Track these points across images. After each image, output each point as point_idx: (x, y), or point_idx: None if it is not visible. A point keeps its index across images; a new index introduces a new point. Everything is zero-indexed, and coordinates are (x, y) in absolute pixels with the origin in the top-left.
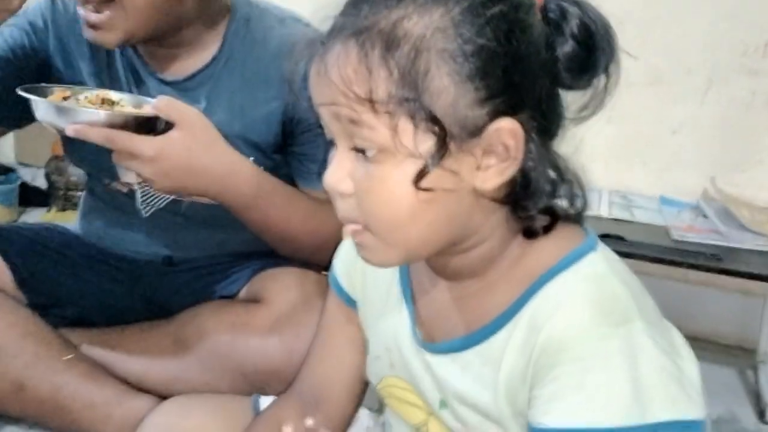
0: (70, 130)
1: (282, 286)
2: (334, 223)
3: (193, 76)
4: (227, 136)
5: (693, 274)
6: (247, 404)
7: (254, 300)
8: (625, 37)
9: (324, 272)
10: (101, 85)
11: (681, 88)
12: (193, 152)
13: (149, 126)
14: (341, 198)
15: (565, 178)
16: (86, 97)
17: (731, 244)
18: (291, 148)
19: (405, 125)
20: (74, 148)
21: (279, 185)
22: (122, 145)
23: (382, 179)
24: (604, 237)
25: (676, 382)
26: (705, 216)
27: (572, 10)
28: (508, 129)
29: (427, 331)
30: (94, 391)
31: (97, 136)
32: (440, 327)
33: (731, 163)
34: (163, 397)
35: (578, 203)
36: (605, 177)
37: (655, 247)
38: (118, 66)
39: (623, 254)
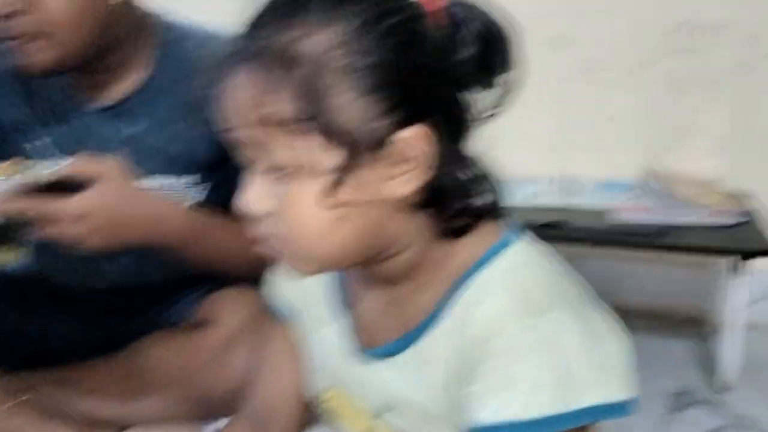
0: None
1: (229, 306)
2: None
3: (127, 99)
4: (171, 158)
5: (636, 253)
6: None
7: (203, 323)
8: (554, 29)
9: None
10: (25, 123)
11: (612, 74)
12: (119, 204)
13: (66, 188)
14: (258, 219)
15: (479, 176)
16: None
17: (671, 221)
18: (230, 162)
19: (312, 142)
20: None
21: (214, 220)
22: (41, 211)
23: (296, 198)
24: (548, 226)
25: (600, 365)
26: (645, 196)
27: (469, 13)
28: (415, 137)
29: (365, 337)
30: None
31: (11, 208)
32: (377, 332)
33: (667, 142)
34: (118, 430)
35: (494, 199)
36: (547, 166)
37: (598, 231)
38: (43, 101)
39: (567, 240)
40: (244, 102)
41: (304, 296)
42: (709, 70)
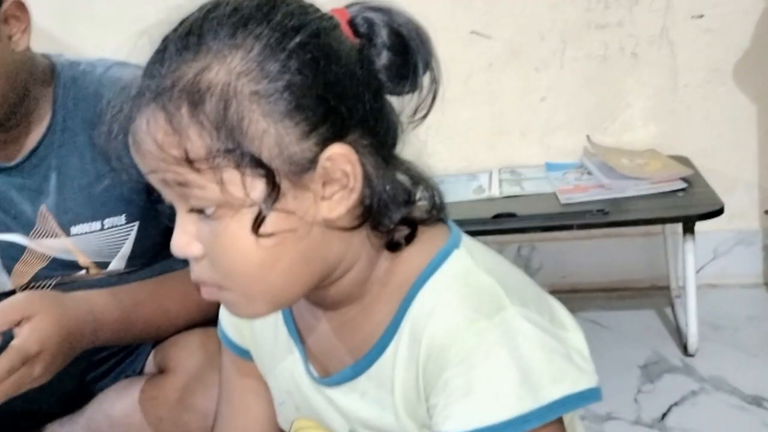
0: None
1: (183, 351)
2: None
3: (32, 153)
4: (92, 198)
5: (584, 232)
6: None
7: (160, 371)
8: (474, 19)
9: None
10: None
11: (539, 56)
12: (60, 329)
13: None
14: (194, 261)
15: (414, 182)
16: None
17: (616, 195)
18: (153, 193)
19: (232, 176)
20: None
21: (137, 290)
22: (1, 376)
23: (227, 234)
24: (497, 217)
25: (562, 356)
26: (589, 173)
27: (378, 20)
28: (339, 154)
29: (320, 365)
30: None
31: None
32: (330, 359)
33: (602, 116)
34: None
35: (432, 203)
36: (491, 157)
37: (545, 216)
38: None
39: (516, 230)
40: (154, 145)
41: (253, 334)
42: (631, 41)
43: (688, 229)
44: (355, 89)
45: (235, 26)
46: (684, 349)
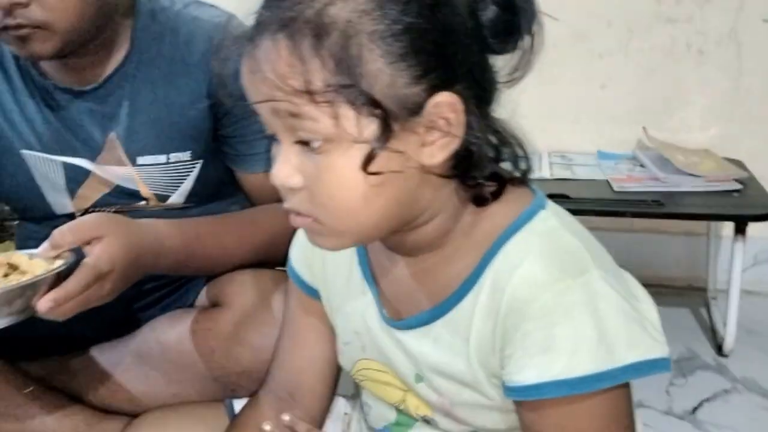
0: (44, 309)
1: (239, 287)
2: (273, 223)
3: (107, 80)
4: (161, 131)
5: (639, 222)
6: (220, 410)
7: (212, 305)
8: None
9: (278, 269)
10: (8, 112)
11: (604, 43)
12: (128, 251)
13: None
14: (291, 193)
15: (506, 142)
16: None
17: (670, 189)
18: (220, 131)
19: (346, 112)
20: None
21: (199, 224)
22: (81, 300)
23: (331, 169)
24: (552, 197)
25: (637, 323)
26: (642, 165)
27: None
28: (447, 103)
29: (393, 308)
30: (61, 421)
31: (67, 310)
32: (405, 303)
33: (660, 110)
34: (132, 416)
35: (522, 165)
36: (542, 139)
37: (599, 201)
38: (22, 90)
39: (570, 212)
40: (273, 73)
41: (324, 273)
42: (699, 38)
43: (740, 230)
44: (466, 40)
45: None
46: (718, 349)
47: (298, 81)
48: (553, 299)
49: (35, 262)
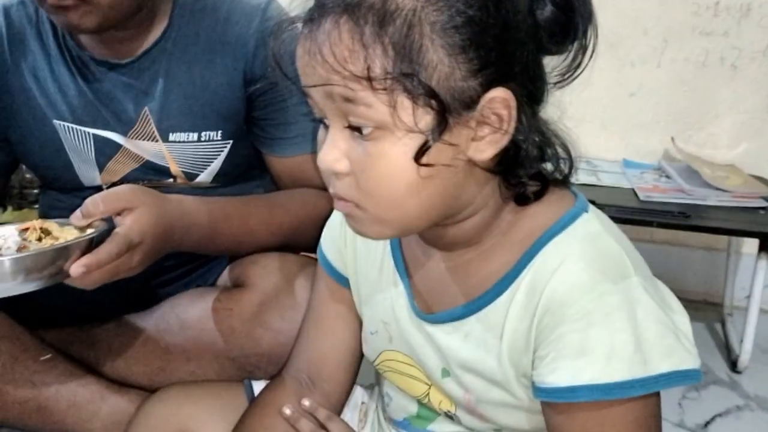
0: (77, 274)
1: (263, 269)
2: (300, 208)
3: (143, 55)
4: (194, 109)
5: (660, 233)
6: (239, 390)
7: (235, 286)
8: None
9: (304, 254)
10: (42, 81)
11: (637, 51)
12: (157, 225)
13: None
14: (336, 177)
15: (550, 142)
16: (20, 239)
17: (696, 201)
18: (253, 113)
19: (403, 101)
20: (26, 156)
21: (227, 204)
22: (111, 268)
23: (382, 156)
24: None
25: (672, 334)
26: (667, 176)
27: None
28: (501, 99)
29: (424, 302)
30: (76, 390)
31: (98, 278)
32: (438, 297)
33: (689, 122)
34: (149, 391)
35: (565, 167)
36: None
37: (625, 209)
38: (58, 60)
39: None
40: (332, 57)
41: (356, 261)
42: (734, 53)
43: (765, 248)
44: (524, 38)
45: None
46: (732, 365)
47: (358, 66)
48: (592, 302)
49: (66, 230)
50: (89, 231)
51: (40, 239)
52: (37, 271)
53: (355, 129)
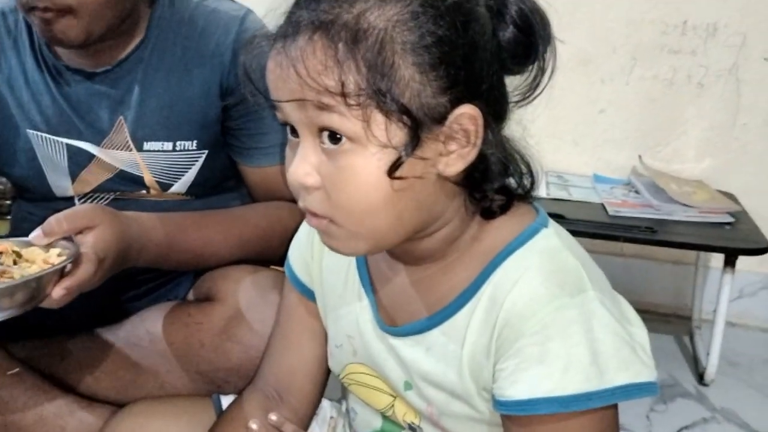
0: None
1: (232, 283)
2: (265, 220)
3: (120, 64)
4: (170, 118)
5: (630, 246)
6: (208, 404)
7: (204, 300)
8: (551, 19)
9: (272, 267)
10: (17, 90)
11: (607, 69)
12: (118, 241)
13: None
14: (307, 192)
15: (513, 158)
16: None
17: (663, 217)
18: (228, 123)
19: (376, 117)
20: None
21: (184, 218)
22: (85, 280)
23: (354, 170)
24: (550, 216)
25: (629, 346)
26: (636, 191)
27: None
28: (468, 115)
29: (388, 315)
30: (44, 405)
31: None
32: (402, 310)
33: (657, 138)
34: (117, 405)
35: (527, 181)
36: (540, 158)
37: (594, 223)
38: (33, 69)
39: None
40: (306, 72)
41: (321, 275)
42: (700, 71)
43: (729, 262)
44: (489, 57)
45: None
46: (699, 377)
47: (331, 81)
48: (550, 316)
49: (32, 250)
50: (53, 251)
51: (14, 262)
52: (22, 298)
53: (328, 140)
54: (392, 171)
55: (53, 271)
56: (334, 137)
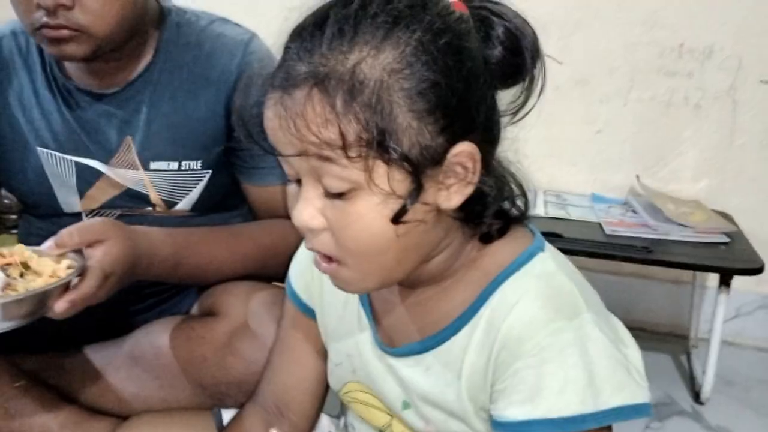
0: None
1: (235, 298)
2: (267, 237)
3: (128, 85)
4: (176, 139)
5: (627, 266)
6: (208, 419)
7: (208, 314)
8: (549, 41)
9: (275, 283)
10: (28, 109)
11: (605, 89)
12: (126, 256)
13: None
14: (312, 234)
15: (507, 181)
16: (4, 275)
17: (660, 236)
18: (231, 144)
19: (377, 166)
20: (8, 180)
21: (190, 234)
22: (89, 293)
23: (359, 216)
24: (546, 235)
25: (623, 368)
26: (634, 211)
27: (495, 17)
28: (467, 152)
29: (387, 335)
30: (49, 417)
31: (70, 311)
32: (399, 332)
33: (655, 158)
34: (121, 418)
35: (521, 203)
36: (539, 177)
37: (591, 243)
38: (43, 88)
39: (562, 251)
40: (305, 125)
41: (322, 295)
42: (697, 93)
43: (725, 282)
44: (483, 89)
45: (388, 23)
46: (696, 396)
47: (332, 134)
48: (546, 339)
49: (43, 261)
50: (64, 262)
51: (22, 275)
52: (25, 311)
53: (329, 189)
54: (396, 219)
55: (57, 286)
56: (335, 187)
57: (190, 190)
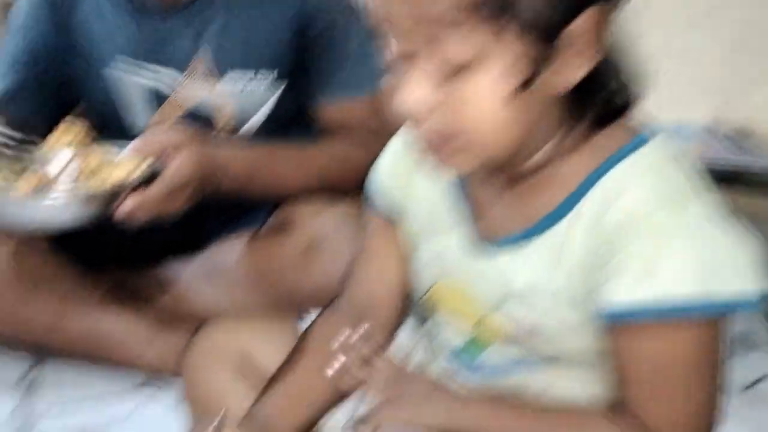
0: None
1: (312, 210)
2: (341, 152)
3: None
4: (251, 47)
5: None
6: (289, 324)
7: (284, 228)
8: None
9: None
10: (98, 27)
11: (688, 12)
12: (205, 162)
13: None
14: (418, 119)
15: (621, 67)
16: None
17: (746, 165)
18: (307, 54)
19: (506, 31)
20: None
21: (261, 149)
22: (156, 199)
23: (476, 91)
24: None
25: (739, 257)
26: (716, 140)
27: None
28: (593, 21)
29: (486, 228)
30: (130, 324)
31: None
32: (501, 223)
33: (742, 86)
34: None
35: (635, 90)
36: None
37: None
38: (119, 3)
39: None
40: None
41: (408, 196)
42: None
43: None
44: None
45: None
46: None
47: None
48: (661, 222)
49: (121, 164)
50: (142, 165)
51: (89, 177)
52: (94, 207)
53: (442, 65)
54: (523, 88)
55: (125, 186)
56: (452, 60)
57: (261, 107)
